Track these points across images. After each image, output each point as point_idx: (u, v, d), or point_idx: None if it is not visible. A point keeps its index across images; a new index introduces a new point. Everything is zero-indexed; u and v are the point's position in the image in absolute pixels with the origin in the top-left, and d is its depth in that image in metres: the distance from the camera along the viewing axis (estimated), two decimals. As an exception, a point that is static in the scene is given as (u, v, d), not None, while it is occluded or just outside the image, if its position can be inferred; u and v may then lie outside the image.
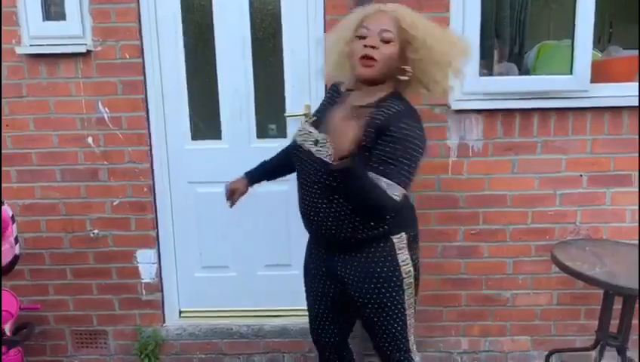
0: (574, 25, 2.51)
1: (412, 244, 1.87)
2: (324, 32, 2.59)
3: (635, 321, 2.39)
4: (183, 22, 2.69)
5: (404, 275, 1.83)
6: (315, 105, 2.64)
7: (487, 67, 2.75)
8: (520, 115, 2.61)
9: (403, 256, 1.83)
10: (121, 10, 2.58)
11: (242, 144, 2.78)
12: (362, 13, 1.75)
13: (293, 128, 2.74)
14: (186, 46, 2.72)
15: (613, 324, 2.36)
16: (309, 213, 1.82)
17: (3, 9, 2.56)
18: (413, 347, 1.94)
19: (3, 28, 2.58)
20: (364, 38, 1.69)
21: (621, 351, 2.32)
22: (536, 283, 2.77)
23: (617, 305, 2.33)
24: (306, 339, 2.85)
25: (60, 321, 2.88)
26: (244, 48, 2.71)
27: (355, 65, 1.71)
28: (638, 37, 2.72)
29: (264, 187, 2.76)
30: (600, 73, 2.60)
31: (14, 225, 2.40)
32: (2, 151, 2.70)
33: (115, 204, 2.75)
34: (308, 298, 2.09)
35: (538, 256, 2.73)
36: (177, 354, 2.88)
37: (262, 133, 2.80)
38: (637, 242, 2.57)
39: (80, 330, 2.89)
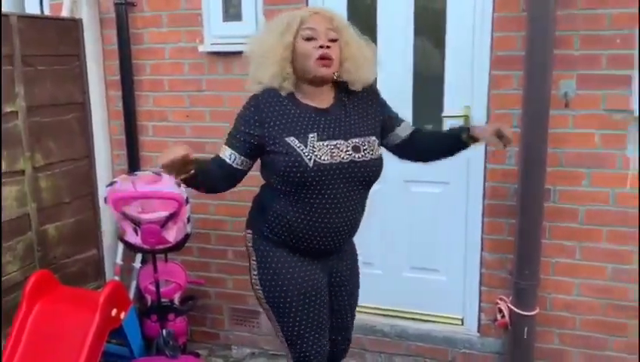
0: None
1: None
2: (492, 29, 2.47)
3: None
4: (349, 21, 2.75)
5: None
6: (476, 106, 2.57)
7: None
8: None
9: None
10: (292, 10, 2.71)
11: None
12: (298, 17, 1.76)
13: (451, 129, 2.67)
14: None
15: None
16: (339, 227, 1.80)
17: (189, 11, 2.87)
18: None
19: (188, 28, 2.88)
20: (312, 39, 1.72)
21: None
22: None
23: None
24: (452, 349, 2.77)
25: (220, 297, 3.13)
26: (406, 47, 2.69)
27: (311, 68, 1.74)
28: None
29: (418, 187, 2.76)
30: None
31: (188, 206, 2.66)
32: (182, 139, 3.01)
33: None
34: (311, 317, 1.87)
35: None
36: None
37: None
38: None
39: (236, 308, 3.12)
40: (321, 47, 1.71)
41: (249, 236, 1.93)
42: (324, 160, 1.72)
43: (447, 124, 2.66)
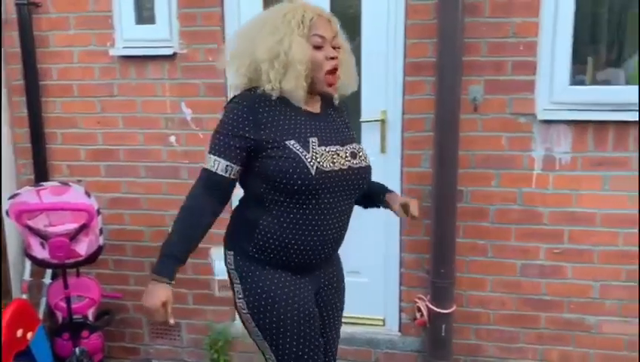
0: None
1: None
2: (405, 36, 2.54)
3: None
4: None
5: None
6: (392, 110, 2.63)
7: (580, 75, 2.57)
8: (614, 128, 2.42)
9: None
10: (206, 13, 2.66)
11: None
12: (308, 20, 1.61)
13: (367, 134, 2.71)
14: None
15: None
16: (332, 237, 1.69)
17: (98, 14, 2.75)
18: None
19: (98, 31, 2.77)
20: (321, 48, 1.62)
21: None
22: (624, 311, 2.55)
23: None
24: (375, 349, 2.81)
25: (139, 310, 3.01)
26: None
27: (321, 79, 1.63)
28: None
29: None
30: None
31: (99, 217, 2.55)
32: (94, 147, 2.88)
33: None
34: (309, 339, 1.71)
35: (630, 280, 2.51)
36: (247, 352, 2.92)
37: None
38: None
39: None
40: (332, 58, 1.62)
41: (230, 258, 1.72)
42: (326, 167, 1.59)
43: (363, 128, 2.71)
